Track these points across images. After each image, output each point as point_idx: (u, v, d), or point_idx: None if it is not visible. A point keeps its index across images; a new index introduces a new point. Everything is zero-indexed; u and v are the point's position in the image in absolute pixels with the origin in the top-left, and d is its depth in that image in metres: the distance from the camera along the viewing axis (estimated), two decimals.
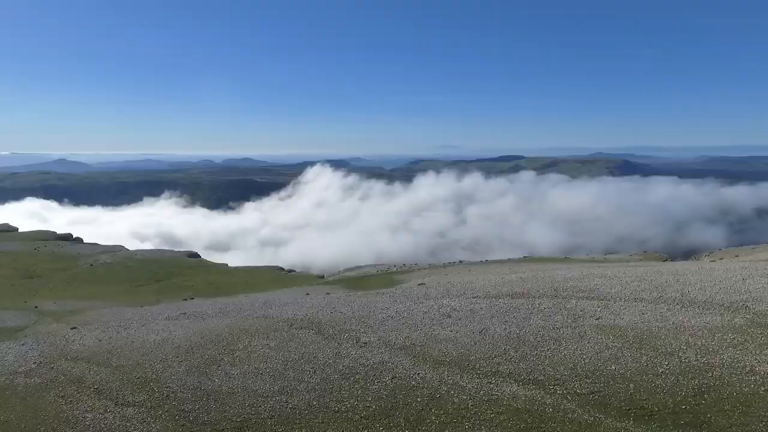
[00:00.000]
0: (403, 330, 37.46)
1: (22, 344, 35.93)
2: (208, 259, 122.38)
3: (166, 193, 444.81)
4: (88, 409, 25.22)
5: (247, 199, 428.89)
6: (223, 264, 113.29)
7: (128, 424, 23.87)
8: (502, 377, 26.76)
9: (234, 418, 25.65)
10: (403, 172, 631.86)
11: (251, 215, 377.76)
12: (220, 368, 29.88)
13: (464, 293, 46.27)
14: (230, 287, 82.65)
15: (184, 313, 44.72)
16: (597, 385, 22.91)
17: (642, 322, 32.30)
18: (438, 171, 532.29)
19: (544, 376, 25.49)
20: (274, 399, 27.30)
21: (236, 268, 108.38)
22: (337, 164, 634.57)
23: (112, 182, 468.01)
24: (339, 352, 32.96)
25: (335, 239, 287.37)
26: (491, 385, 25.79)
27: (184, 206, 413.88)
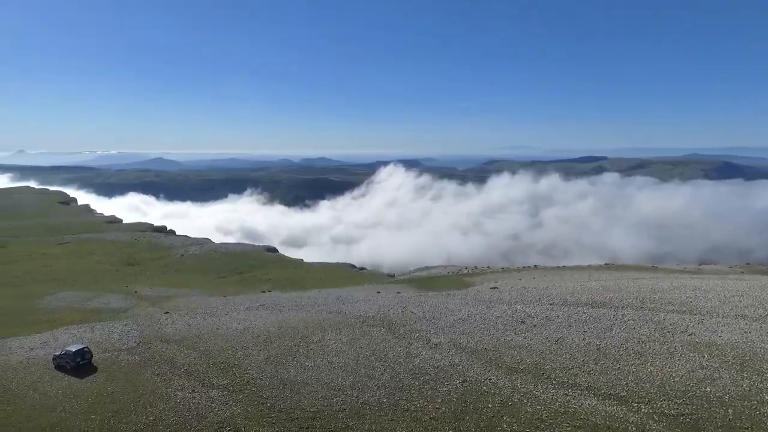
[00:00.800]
0: (474, 333, 36.88)
1: (125, 325, 39.82)
2: (285, 254, 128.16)
3: (249, 191, 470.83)
4: (179, 388, 27.44)
5: (323, 198, 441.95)
6: (299, 259, 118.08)
7: (212, 404, 25.67)
8: (580, 389, 25.46)
9: (308, 408, 26.71)
10: (476, 173, 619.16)
11: (326, 213, 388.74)
12: (295, 359, 31.24)
13: (539, 299, 44.60)
14: (305, 282, 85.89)
15: (263, 305, 47.22)
16: (689, 407, 21.07)
17: (744, 342, 29.20)
18: (513, 172, 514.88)
19: (627, 392, 23.89)
20: (345, 393, 28.08)
21: (311, 264, 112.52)
22: (409, 164, 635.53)
23: (200, 179, 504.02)
24: (409, 352, 33.18)
25: (406, 239, 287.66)
26: (567, 397, 24.63)
27: (264, 203, 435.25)
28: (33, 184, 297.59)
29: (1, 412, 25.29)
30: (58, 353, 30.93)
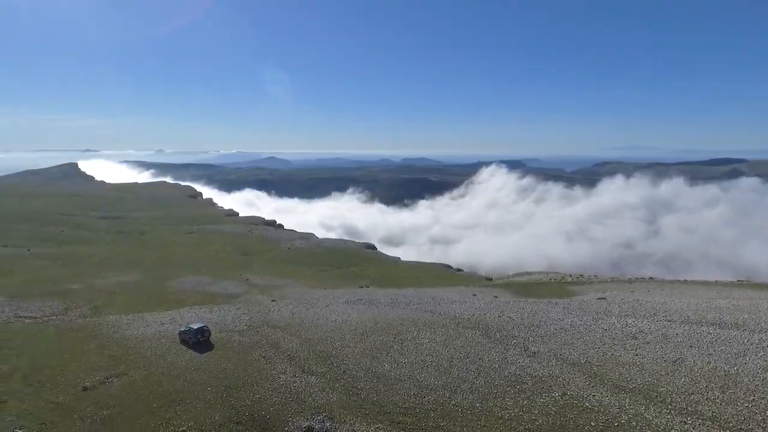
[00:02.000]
0: (577, 345, 34.52)
1: (238, 308, 43.60)
2: (383, 251, 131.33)
3: (351, 189, 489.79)
4: (282, 371, 29.38)
5: (421, 197, 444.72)
6: (396, 257, 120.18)
7: (311, 390, 27.10)
8: (702, 419, 22.64)
9: (400, 404, 27.08)
10: (585, 175, 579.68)
11: (424, 213, 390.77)
12: (389, 355, 31.85)
13: (655, 314, 40.41)
14: (401, 280, 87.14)
15: (361, 299, 48.77)
16: None
17: None
18: (628, 174, 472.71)
19: (763, 429, 20.84)
20: (437, 393, 27.98)
21: (407, 263, 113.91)
22: (512, 165, 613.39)
23: (308, 177, 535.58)
24: (506, 358, 32.05)
25: (505, 242, 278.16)
26: (686, 425, 22.05)
27: (365, 201, 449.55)
28: (168, 179, 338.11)
29: (138, 375, 29.16)
30: (182, 329, 34.91)
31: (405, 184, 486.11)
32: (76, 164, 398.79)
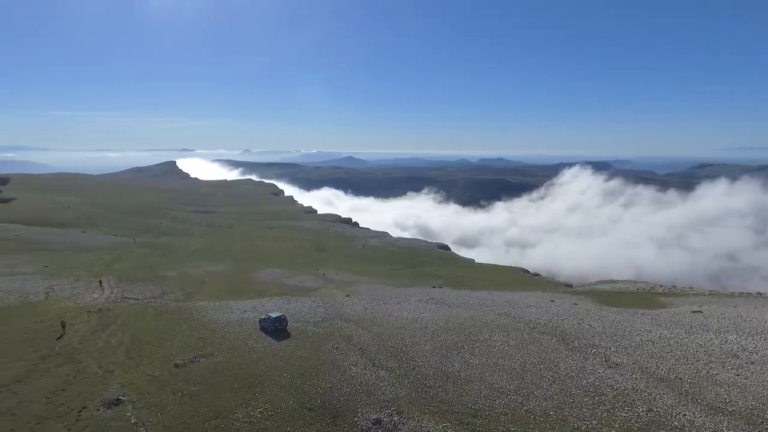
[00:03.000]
0: (666, 359, 31.80)
1: (313, 301, 45.28)
2: (457, 252, 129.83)
3: (426, 189, 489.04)
4: (353, 363, 30.08)
5: (498, 199, 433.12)
6: (470, 259, 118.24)
7: (381, 383, 27.47)
8: None
9: (469, 405, 26.62)
10: (681, 178, 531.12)
11: (500, 214, 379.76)
12: (460, 355, 31.44)
13: (762, 332, 36.14)
14: (474, 282, 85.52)
15: (432, 299, 48.59)
16: None
17: None
18: (733, 178, 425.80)
19: None
20: (509, 397, 27.13)
21: (481, 265, 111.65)
22: (598, 166, 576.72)
23: (384, 177, 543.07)
24: (584, 367, 30.32)
25: (587, 247, 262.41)
26: None
27: (440, 201, 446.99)
28: (254, 177, 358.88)
29: (222, 357, 31.32)
30: (262, 317, 36.96)
31: (481, 184, 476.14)
32: (175, 162, 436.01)
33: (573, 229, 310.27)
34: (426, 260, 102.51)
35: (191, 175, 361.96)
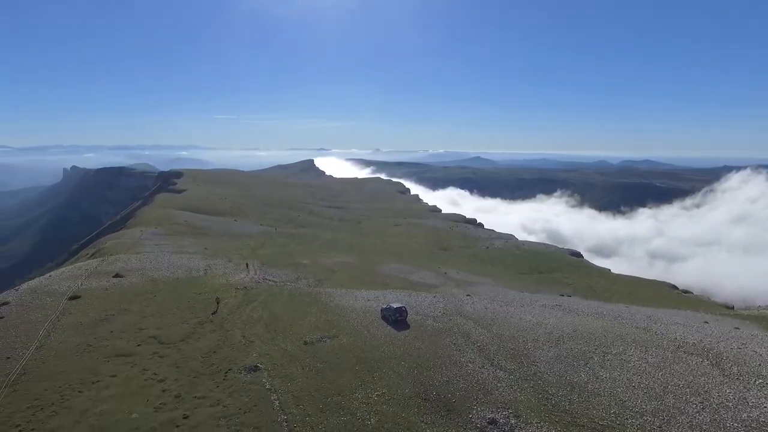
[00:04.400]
0: None
1: (434, 297, 45.63)
2: (590, 260, 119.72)
3: (558, 192, 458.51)
4: (470, 360, 29.68)
5: (642, 205, 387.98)
6: (605, 269, 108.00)
7: (499, 384, 26.69)
8: None
9: (596, 420, 24.44)
10: None
11: (644, 222, 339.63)
12: (588, 365, 29.07)
13: None
14: (609, 293, 78.12)
15: (560, 305, 45.64)
16: None
17: None
18: None
19: None
20: (644, 418, 24.32)
21: (619, 276, 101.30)
22: None
23: (512, 178, 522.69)
24: (745, 398, 25.89)
25: (756, 266, 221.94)
26: None
27: (573, 205, 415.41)
28: (383, 176, 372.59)
29: (346, 340, 33.28)
30: (384, 307, 38.36)
31: (623, 188, 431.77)
32: (313, 161, 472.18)
33: (738, 243, 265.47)
34: (554, 266, 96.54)
35: (326, 173, 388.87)
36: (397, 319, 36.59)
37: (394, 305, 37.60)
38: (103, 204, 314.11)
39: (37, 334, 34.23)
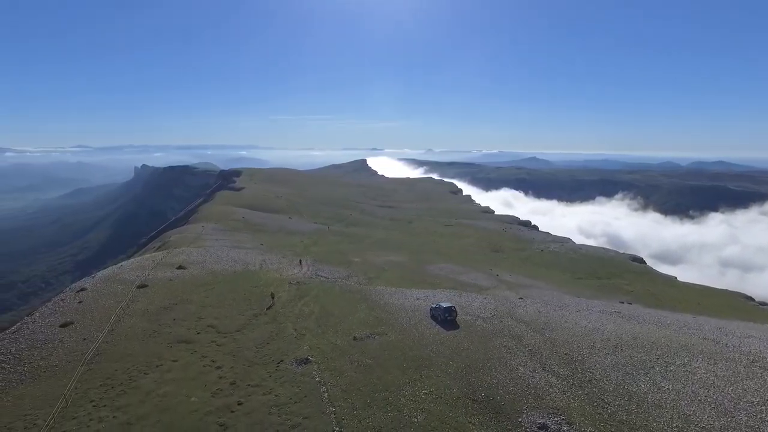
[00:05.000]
0: None
1: (484, 298, 44.83)
2: (654, 267, 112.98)
3: (620, 194, 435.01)
4: (521, 363, 28.93)
5: (713, 209, 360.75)
6: (671, 276, 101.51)
7: (551, 389, 25.84)
8: None
9: None
10: None
11: (716, 228, 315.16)
12: (648, 375, 27.48)
13: None
14: (675, 302, 73.42)
15: (619, 312, 43.45)
16: None
17: None
18: None
19: None
20: None
21: (686, 284, 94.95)
22: None
23: (569, 179, 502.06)
24: None
25: None
26: None
27: (636, 209, 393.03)
28: (435, 176, 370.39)
29: (394, 337, 33.42)
30: (433, 306, 38.16)
31: (692, 191, 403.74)
32: (365, 160, 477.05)
33: None
34: (614, 272, 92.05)
35: (378, 173, 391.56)
36: (446, 318, 36.31)
37: (444, 304, 37.32)
38: (169, 200, 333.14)
39: (109, 318, 36.94)
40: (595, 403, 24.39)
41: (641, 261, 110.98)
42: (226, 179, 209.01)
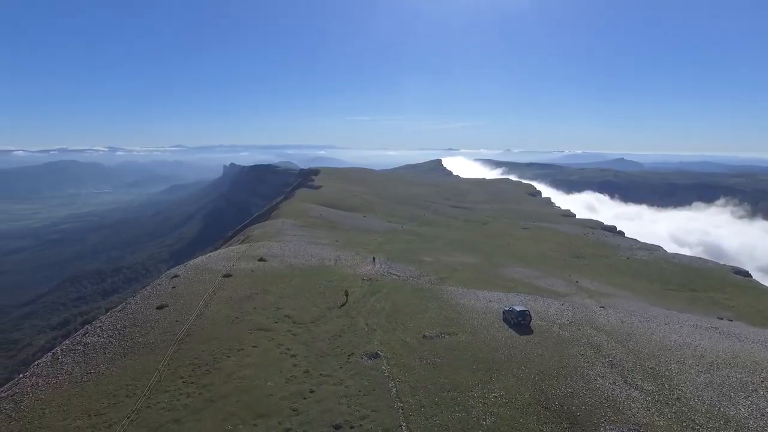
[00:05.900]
0: None
1: (562, 304, 42.83)
2: (761, 281, 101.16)
3: (721, 200, 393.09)
4: (600, 374, 27.30)
5: None
6: None
7: (632, 404, 24.14)
8: None
9: None
10: None
11: None
12: (749, 399, 24.79)
13: None
14: None
15: (716, 328, 39.58)
16: None
17: None
18: None
19: None
20: None
21: None
22: None
23: (662, 182, 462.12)
24: None
25: None
26: None
27: (741, 216, 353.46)
28: (513, 177, 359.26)
29: (465, 338, 33.00)
30: (506, 309, 37.11)
31: None
32: (440, 161, 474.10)
33: None
34: (713, 285, 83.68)
35: (453, 173, 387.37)
36: (519, 322, 35.18)
37: (517, 308, 36.17)
38: (253, 197, 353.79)
39: (198, 303, 40.04)
40: (684, 423, 22.41)
41: (746, 274, 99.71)
42: (305, 178, 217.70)
